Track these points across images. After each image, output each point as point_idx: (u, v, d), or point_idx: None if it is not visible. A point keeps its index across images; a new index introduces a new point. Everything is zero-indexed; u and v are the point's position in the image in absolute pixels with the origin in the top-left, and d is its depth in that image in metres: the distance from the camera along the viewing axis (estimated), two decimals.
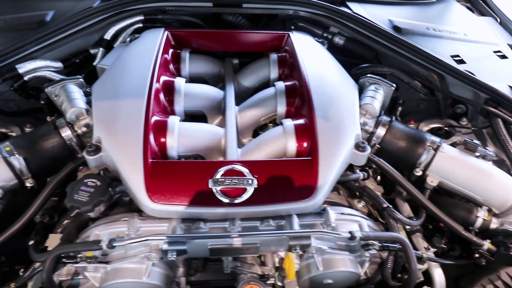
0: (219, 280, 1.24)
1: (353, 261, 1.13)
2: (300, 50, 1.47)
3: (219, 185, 1.06)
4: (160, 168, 1.08)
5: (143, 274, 1.05)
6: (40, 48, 1.47)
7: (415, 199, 1.24)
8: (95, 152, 1.12)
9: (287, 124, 1.23)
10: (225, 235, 1.03)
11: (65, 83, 1.32)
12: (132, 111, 1.18)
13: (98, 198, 1.06)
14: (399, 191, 1.40)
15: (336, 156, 1.13)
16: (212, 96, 1.43)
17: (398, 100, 1.43)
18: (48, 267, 0.99)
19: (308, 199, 1.06)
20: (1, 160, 1.16)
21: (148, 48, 1.43)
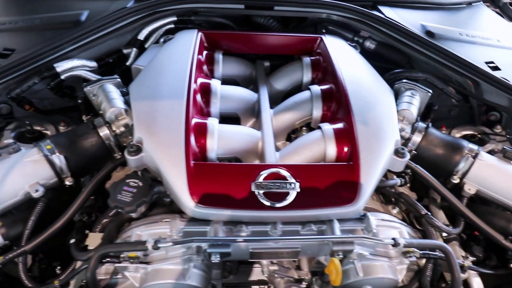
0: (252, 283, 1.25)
1: (392, 267, 1.12)
2: (334, 54, 1.47)
3: (262, 189, 1.06)
4: (202, 170, 1.08)
5: (184, 275, 1.06)
6: (76, 47, 1.49)
7: (453, 207, 1.23)
8: (136, 153, 1.13)
9: (326, 128, 1.23)
10: (268, 238, 1.03)
11: (103, 82, 1.33)
12: (172, 112, 1.19)
13: (141, 199, 1.07)
14: (433, 198, 1.39)
15: (376, 162, 1.13)
16: (246, 99, 1.43)
17: (433, 107, 1.42)
18: (93, 265, 1.00)
19: (350, 204, 1.06)
20: (43, 158, 1.17)
21: (184, 49, 1.44)
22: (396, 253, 1.14)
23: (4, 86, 1.38)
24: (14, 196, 1.14)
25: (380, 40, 1.67)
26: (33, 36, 1.56)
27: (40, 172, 1.17)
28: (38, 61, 1.40)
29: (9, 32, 1.58)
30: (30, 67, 1.39)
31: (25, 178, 1.14)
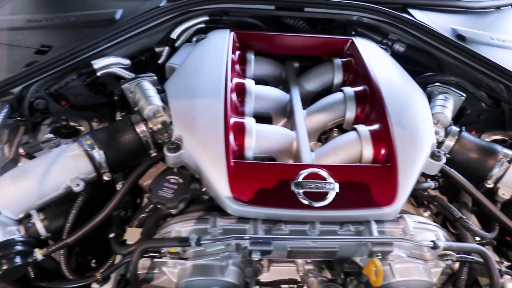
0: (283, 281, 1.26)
1: (427, 270, 1.13)
2: (366, 55, 1.48)
3: (302, 188, 1.07)
4: (243, 169, 1.10)
5: (223, 272, 1.08)
6: (111, 45, 1.51)
7: (487, 212, 1.23)
8: (175, 150, 1.15)
9: (361, 130, 1.24)
10: (308, 237, 1.04)
11: (140, 80, 1.35)
12: (211, 110, 1.21)
13: (182, 196, 1.09)
14: (464, 202, 1.39)
15: (414, 164, 1.14)
16: (279, 99, 1.45)
17: (466, 111, 1.43)
18: (136, 259, 1.02)
19: (388, 206, 1.07)
20: (83, 153, 1.19)
21: (218, 49, 1.46)
22: (432, 256, 1.14)
23: (42, 82, 1.41)
24: (56, 190, 1.16)
25: (410, 43, 1.67)
26: (69, 33, 1.60)
27: (80, 166, 1.19)
28: (76, 58, 1.43)
29: (46, 29, 1.62)
30: (69, 64, 1.42)
31: (66, 173, 1.17)
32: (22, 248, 1.04)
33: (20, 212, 1.12)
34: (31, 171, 1.15)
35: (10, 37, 1.59)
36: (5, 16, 1.68)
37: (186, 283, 1.09)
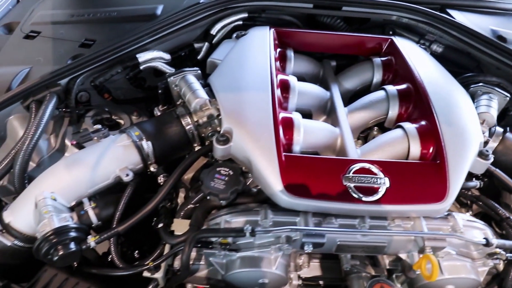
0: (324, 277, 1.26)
1: (474, 268, 1.13)
2: (407, 54, 1.48)
3: (353, 182, 1.08)
4: (294, 162, 1.11)
5: (271, 264, 1.09)
6: (153, 40, 1.53)
7: None
8: (225, 142, 1.16)
9: (408, 127, 1.24)
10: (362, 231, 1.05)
11: (185, 73, 1.37)
12: (259, 104, 1.22)
13: (234, 187, 1.10)
14: (506, 204, 1.38)
15: (463, 162, 1.14)
16: (320, 96, 1.46)
17: (509, 111, 1.42)
18: (189, 249, 1.03)
19: (439, 202, 1.07)
20: (132, 144, 1.21)
21: (260, 45, 1.47)
22: (479, 254, 1.14)
23: (88, 74, 1.43)
24: (106, 179, 1.18)
25: (448, 44, 1.67)
26: (112, 27, 1.63)
27: (129, 157, 1.21)
28: (121, 51, 1.45)
29: (88, 24, 1.65)
30: (114, 57, 1.44)
31: (116, 162, 1.19)
32: (77, 234, 1.06)
33: (73, 199, 1.14)
34: (84, 160, 1.17)
35: (54, 31, 1.62)
36: (48, 10, 1.72)
37: (234, 275, 1.11)
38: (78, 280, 1.11)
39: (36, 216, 1.07)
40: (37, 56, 1.51)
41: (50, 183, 1.13)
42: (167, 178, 1.21)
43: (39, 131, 1.22)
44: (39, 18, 1.70)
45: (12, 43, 1.59)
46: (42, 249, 1.02)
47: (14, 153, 1.21)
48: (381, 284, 1.04)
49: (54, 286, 1.10)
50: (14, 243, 1.12)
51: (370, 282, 1.05)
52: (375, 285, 1.04)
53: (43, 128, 1.23)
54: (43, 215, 1.04)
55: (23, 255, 1.16)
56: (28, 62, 1.48)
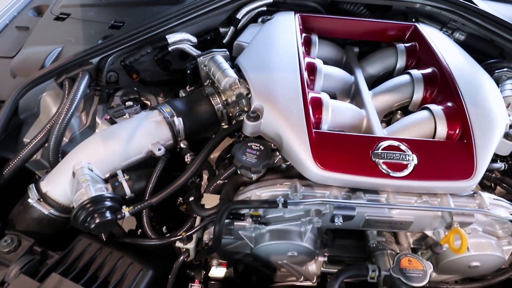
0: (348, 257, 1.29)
1: (500, 246, 1.15)
2: (432, 40, 1.50)
3: (382, 158, 1.10)
4: (324, 138, 1.14)
5: (301, 237, 1.11)
6: (180, 23, 1.56)
7: None
8: (255, 119, 1.19)
9: (434, 108, 1.26)
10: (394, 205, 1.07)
11: (214, 54, 1.40)
12: (289, 84, 1.25)
13: (266, 161, 1.13)
14: None
15: (490, 141, 1.16)
16: (345, 79, 1.48)
17: None
18: (222, 219, 1.06)
19: (466, 179, 1.09)
20: (163, 120, 1.25)
21: (287, 29, 1.50)
22: (504, 233, 1.16)
23: (118, 54, 1.47)
24: (139, 153, 1.22)
25: (471, 32, 1.68)
26: (139, 10, 1.66)
27: (160, 132, 1.24)
28: (150, 33, 1.49)
29: (117, 7, 1.69)
30: (144, 38, 1.47)
31: (148, 137, 1.22)
32: (112, 204, 1.09)
33: (107, 171, 1.18)
34: (118, 133, 1.20)
35: (83, 13, 1.66)
36: None
37: (263, 247, 1.13)
38: (111, 250, 1.14)
39: (73, 186, 1.11)
40: (68, 36, 1.55)
41: (87, 155, 1.16)
42: (198, 154, 1.24)
43: (74, 106, 1.25)
44: (68, 1, 1.73)
45: (42, 24, 1.63)
46: (79, 217, 1.05)
47: (49, 127, 1.25)
48: (409, 258, 1.06)
49: (89, 255, 1.13)
50: (50, 212, 1.16)
51: (398, 255, 1.07)
52: (403, 258, 1.06)
53: (77, 104, 1.27)
54: (81, 183, 1.08)
55: (58, 225, 1.20)
56: (60, 42, 1.52)
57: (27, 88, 1.31)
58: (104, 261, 1.11)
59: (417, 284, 1.01)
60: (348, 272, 1.06)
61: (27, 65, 1.43)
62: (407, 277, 1.02)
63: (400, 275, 1.02)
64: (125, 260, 1.12)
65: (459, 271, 1.19)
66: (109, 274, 1.08)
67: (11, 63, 1.45)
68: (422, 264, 1.05)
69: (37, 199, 1.15)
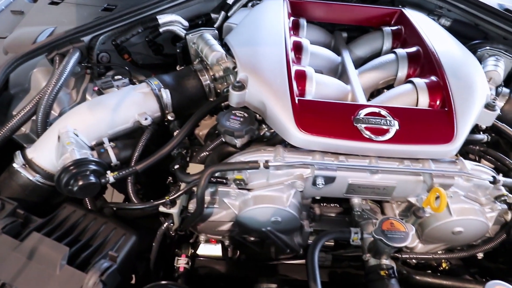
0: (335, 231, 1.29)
1: (483, 212, 1.15)
2: (417, 22, 1.53)
3: (363, 123, 1.11)
4: (307, 105, 1.15)
5: (284, 201, 1.12)
6: (172, 6, 1.61)
7: None
8: (240, 88, 1.21)
9: (417, 81, 1.28)
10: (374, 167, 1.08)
11: (203, 32, 1.44)
12: (274, 57, 1.27)
13: (249, 126, 1.14)
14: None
15: (470, 109, 1.17)
16: (332, 58, 1.51)
17: None
18: (204, 184, 1.06)
19: (447, 143, 1.10)
20: (151, 92, 1.27)
21: (275, 11, 1.54)
22: (487, 200, 1.16)
23: (110, 33, 1.50)
24: (125, 122, 1.23)
25: (456, 18, 1.72)
26: None
27: (148, 103, 1.26)
28: (141, 13, 1.53)
29: None
30: (135, 18, 1.51)
31: (135, 107, 1.24)
32: (97, 168, 1.10)
33: (93, 139, 1.19)
34: (105, 102, 1.22)
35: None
36: None
37: (247, 213, 1.13)
38: (96, 216, 1.14)
39: (58, 150, 1.12)
40: (61, 19, 1.58)
41: (73, 122, 1.17)
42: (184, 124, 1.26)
43: (62, 78, 1.27)
44: None
45: (37, 8, 1.68)
46: (62, 180, 1.06)
47: (38, 99, 1.27)
48: (391, 221, 1.06)
49: (72, 220, 1.13)
50: (36, 179, 1.16)
51: (381, 219, 1.07)
52: (385, 221, 1.06)
53: (66, 77, 1.29)
54: (65, 146, 1.09)
55: (44, 193, 1.20)
56: (53, 24, 1.56)
57: (18, 62, 1.33)
58: (88, 226, 1.10)
59: (398, 245, 1.01)
60: (330, 235, 1.06)
61: (19, 43, 1.46)
62: (389, 238, 1.01)
63: (382, 236, 1.02)
64: (108, 225, 1.11)
65: (444, 239, 1.19)
66: (92, 237, 1.08)
67: (4, 42, 1.49)
68: (404, 226, 1.05)
69: (22, 164, 1.15)
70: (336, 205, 1.31)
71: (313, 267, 0.96)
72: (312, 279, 0.92)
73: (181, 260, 1.29)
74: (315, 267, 0.96)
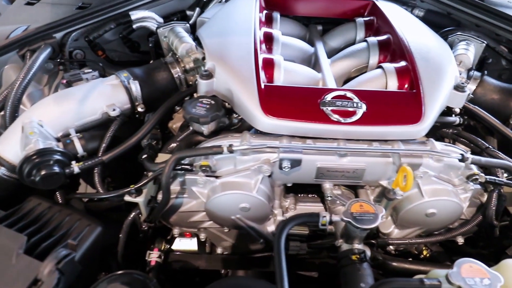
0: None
1: (456, 193, 1.13)
2: (388, 12, 1.54)
3: (330, 106, 1.10)
4: (273, 90, 1.15)
5: (252, 187, 1.10)
6: (146, 3, 1.62)
7: None
8: (208, 77, 1.21)
9: (386, 66, 1.28)
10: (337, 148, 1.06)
11: (174, 25, 1.44)
12: (242, 46, 1.27)
13: (215, 112, 1.13)
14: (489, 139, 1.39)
15: (438, 90, 1.17)
16: (304, 49, 1.51)
17: (487, 60, 1.46)
18: (168, 170, 1.04)
19: (415, 124, 1.09)
20: (120, 83, 1.26)
21: (246, 5, 1.55)
22: (460, 181, 1.14)
23: (82, 31, 1.50)
24: (93, 114, 1.22)
25: (429, 8, 1.73)
26: None
27: (116, 95, 1.25)
28: (115, 10, 1.53)
29: None
30: (108, 16, 1.52)
31: (104, 99, 1.23)
32: (61, 158, 1.09)
33: (60, 130, 1.18)
34: (72, 94, 1.22)
35: None
36: None
37: (215, 200, 1.12)
38: (61, 208, 1.12)
39: (22, 142, 1.10)
40: (36, 18, 1.59)
41: (39, 113, 1.16)
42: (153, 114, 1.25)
43: (31, 73, 1.26)
44: None
45: (13, 8, 1.69)
46: (25, 170, 1.04)
47: (6, 94, 1.26)
48: (360, 203, 1.04)
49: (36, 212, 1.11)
50: (1, 172, 1.14)
51: (350, 202, 1.05)
52: (355, 203, 1.04)
53: (35, 71, 1.28)
54: (29, 137, 1.07)
55: (9, 187, 1.17)
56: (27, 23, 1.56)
57: None
58: (52, 218, 1.08)
59: (367, 226, 0.98)
60: (298, 219, 1.03)
61: None
62: (357, 220, 0.99)
63: (351, 218, 0.99)
64: (73, 216, 1.09)
65: (418, 222, 1.16)
66: (55, 228, 1.05)
67: None
68: (374, 208, 1.02)
69: None
70: (314, 196, 1.29)
71: (279, 252, 0.93)
72: (278, 265, 0.89)
73: (153, 254, 1.27)
74: (281, 252, 0.93)
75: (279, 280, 0.85)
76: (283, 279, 0.85)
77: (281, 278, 0.85)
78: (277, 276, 0.86)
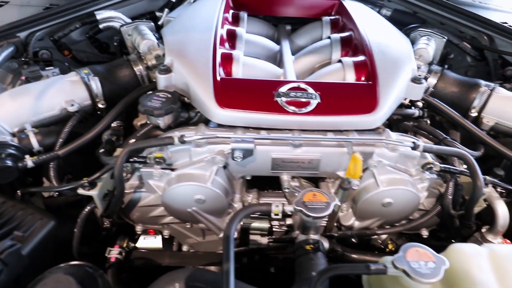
0: None
1: (413, 183, 1.13)
2: (353, 11, 1.57)
3: (284, 97, 1.11)
4: (228, 83, 1.15)
5: (207, 179, 1.09)
6: (114, 3, 1.63)
7: (473, 135, 1.24)
8: (166, 72, 1.21)
9: (345, 60, 1.29)
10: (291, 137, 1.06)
11: (138, 23, 1.45)
12: (201, 42, 1.28)
13: (170, 105, 1.13)
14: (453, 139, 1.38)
15: (393, 81, 1.18)
16: (269, 47, 1.53)
17: (449, 55, 1.48)
18: (120, 162, 1.04)
19: (370, 113, 1.10)
20: (80, 80, 1.26)
21: (213, 4, 1.56)
22: (417, 171, 1.14)
23: (47, 31, 1.51)
24: (51, 110, 1.22)
25: (396, 7, 1.76)
26: None
27: (76, 91, 1.25)
28: (80, 10, 1.54)
29: None
30: (73, 16, 1.53)
31: (62, 95, 1.23)
32: (14, 152, 1.08)
33: (16, 126, 1.17)
34: (30, 90, 1.21)
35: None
36: None
37: (171, 192, 1.11)
38: (14, 203, 1.10)
39: None
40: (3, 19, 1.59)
41: None
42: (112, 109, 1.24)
43: None
44: None
45: None
46: None
47: None
48: (314, 193, 1.03)
49: None
50: None
51: (303, 191, 1.04)
52: (308, 193, 1.03)
53: None
54: None
55: None
56: None
57: None
58: (4, 212, 1.07)
59: (318, 215, 0.97)
60: (249, 209, 1.03)
61: None
62: (309, 208, 0.98)
63: (303, 207, 0.99)
64: (26, 211, 1.08)
65: (376, 212, 1.16)
66: (6, 222, 1.04)
67: None
68: (327, 197, 1.02)
69: None
70: (279, 192, 1.29)
71: (227, 242, 0.91)
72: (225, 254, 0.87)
73: (114, 251, 1.24)
74: (230, 242, 0.92)
75: (225, 274, 0.82)
76: (229, 273, 0.82)
77: (228, 271, 0.82)
78: (224, 268, 0.84)
